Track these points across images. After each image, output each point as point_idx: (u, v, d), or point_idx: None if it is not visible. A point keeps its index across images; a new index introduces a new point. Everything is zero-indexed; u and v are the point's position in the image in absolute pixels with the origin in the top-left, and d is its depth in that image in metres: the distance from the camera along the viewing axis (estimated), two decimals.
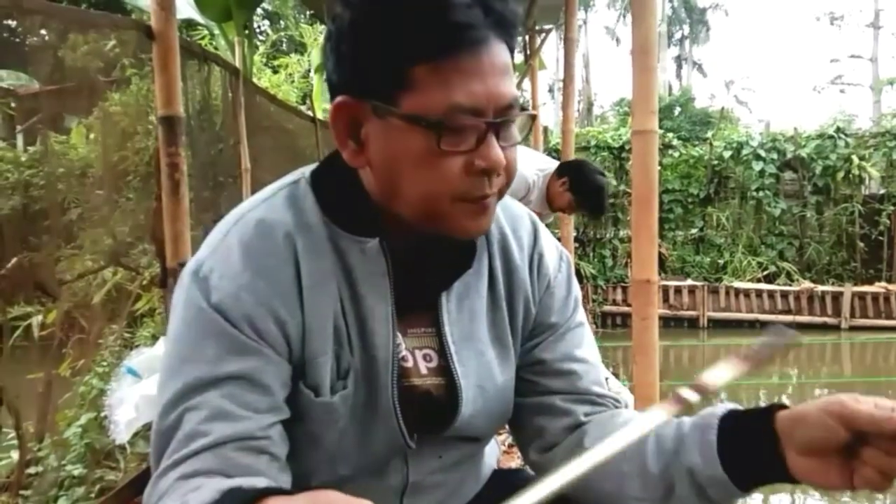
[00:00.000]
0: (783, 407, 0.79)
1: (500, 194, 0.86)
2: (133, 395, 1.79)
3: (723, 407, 0.85)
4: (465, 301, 0.95)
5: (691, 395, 0.77)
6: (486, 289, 0.98)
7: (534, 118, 0.90)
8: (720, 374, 0.78)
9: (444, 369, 0.94)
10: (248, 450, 0.78)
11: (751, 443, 0.79)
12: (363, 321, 0.88)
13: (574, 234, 7.54)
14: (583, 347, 1.02)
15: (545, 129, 11.58)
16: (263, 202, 0.90)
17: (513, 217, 1.02)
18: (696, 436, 0.84)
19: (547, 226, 1.16)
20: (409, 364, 0.93)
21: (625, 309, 10.30)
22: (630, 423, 0.75)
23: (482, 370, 0.96)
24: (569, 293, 1.04)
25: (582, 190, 3.38)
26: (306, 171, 0.94)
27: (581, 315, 1.05)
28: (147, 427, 1.96)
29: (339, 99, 0.83)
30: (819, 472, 0.75)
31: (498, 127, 0.80)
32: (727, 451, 0.82)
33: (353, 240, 0.88)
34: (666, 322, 10.03)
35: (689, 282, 10.83)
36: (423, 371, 0.94)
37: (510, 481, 1.11)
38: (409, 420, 0.91)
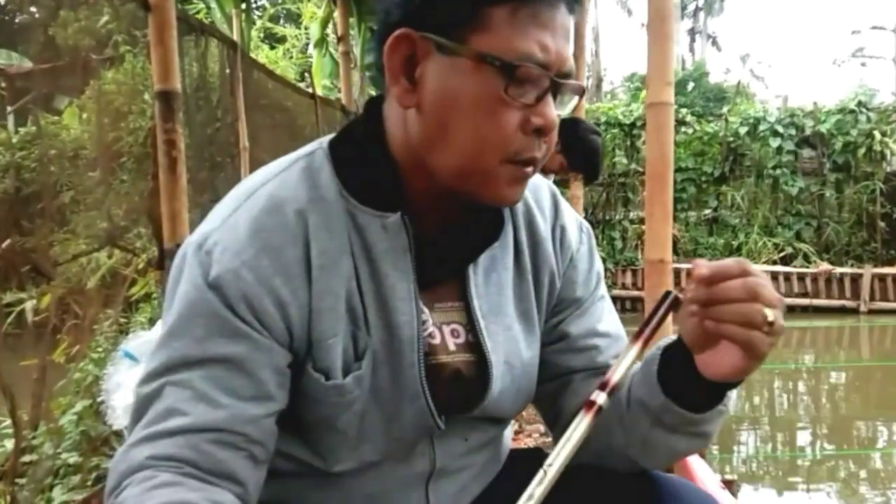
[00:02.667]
0: None
1: (539, 165, 0.86)
2: (131, 380, 1.78)
3: (673, 338, 0.88)
4: (492, 274, 0.95)
5: (600, 397, 0.81)
6: (512, 261, 0.97)
7: (582, 94, 0.90)
8: (620, 365, 0.83)
9: (474, 345, 0.93)
10: (223, 444, 0.78)
11: (675, 359, 0.85)
12: (384, 299, 0.87)
13: (583, 214, 7.55)
14: (604, 321, 1.02)
15: None
16: (277, 175, 0.88)
17: (534, 187, 1.01)
18: (644, 369, 0.89)
19: None
20: (437, 341, 0.92)
21: (635, 293, 10.29)
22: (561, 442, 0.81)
23: (509, 345, 0.95)
24: (591, 266, 1.04)
25: (574, 151, 3.24)
26: (324, 141, 0.92)
27: (603, 288, 1.05)
28: None
29: (400, 31, 0.81)
30: (714, 362, 0.80)
31: (558, 88, 0.81)
32: (666, 375, 0.87)
33: (372, 214, 0.86)
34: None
35: None
36: (452, 347, 0.93)
37: (527, 461, 1.11)
38: (437, 400, 0.90)
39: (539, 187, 1.02)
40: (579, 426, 0.80)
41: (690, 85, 21.01)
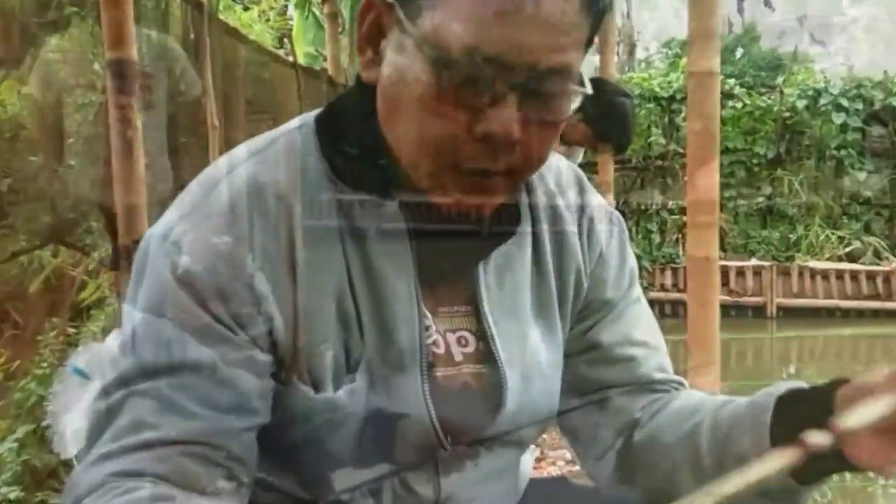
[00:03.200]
0: (846, 381, 0.79)
1: (512, 178, 0.84)
2: (81, 400, 1.78)
3: (786, 384, 0.85)
4: (506, 273, 0.95)
5: (821, 439, 0.70)
6: (530, 259, 0.97)
7: (571, 96, 0.85)
8: (865, 411, 0.72)
9: (484, 354, 0.94)
10: (200, 458, 0.78)
11: (806, 422, 0.76)
12: (380, 301, 0.88)
13: (614, 203, 7.56)
14: (641, 327, 1.03)
15: None
16: (255, 155, 0.89)
17: (556, 170, 1.02)
18: (749, 417, 0.86)
19: None
20: (441, 350, 0.93)
21: (675, 296, 10.28)
22: (735, 476, 0.70)
23: (527, 357, 0.96)
24: (623, 263, 1.04)
25: (600, 116, 3.17)
26: (309, 116, 0.93)
27: (638, 289, 1.06)
28: None
29: None
30: (881, 453, 0.74)
31: (522, 92, 0.77)
32: (780, 434, 0.82)
33: (366, 202, 0.87)
34: (726, 310, 9.99)
35: (755, 261, 10.81)
36: (458, 358, 0.93)
37: (551, 493, 1.12)
38: (443, 418, 0.90)
39: (562, 170, 1.03)
40: (768, 465, 0.69)
41: (739, 51, 20.99)
